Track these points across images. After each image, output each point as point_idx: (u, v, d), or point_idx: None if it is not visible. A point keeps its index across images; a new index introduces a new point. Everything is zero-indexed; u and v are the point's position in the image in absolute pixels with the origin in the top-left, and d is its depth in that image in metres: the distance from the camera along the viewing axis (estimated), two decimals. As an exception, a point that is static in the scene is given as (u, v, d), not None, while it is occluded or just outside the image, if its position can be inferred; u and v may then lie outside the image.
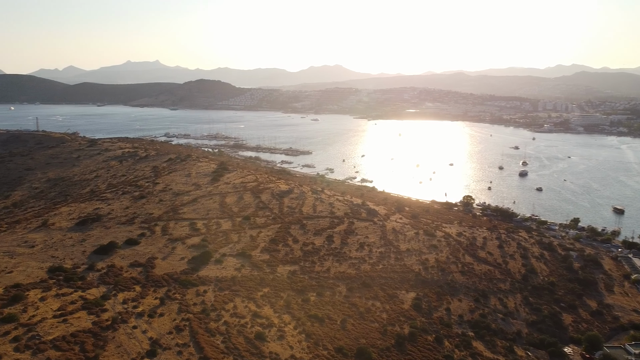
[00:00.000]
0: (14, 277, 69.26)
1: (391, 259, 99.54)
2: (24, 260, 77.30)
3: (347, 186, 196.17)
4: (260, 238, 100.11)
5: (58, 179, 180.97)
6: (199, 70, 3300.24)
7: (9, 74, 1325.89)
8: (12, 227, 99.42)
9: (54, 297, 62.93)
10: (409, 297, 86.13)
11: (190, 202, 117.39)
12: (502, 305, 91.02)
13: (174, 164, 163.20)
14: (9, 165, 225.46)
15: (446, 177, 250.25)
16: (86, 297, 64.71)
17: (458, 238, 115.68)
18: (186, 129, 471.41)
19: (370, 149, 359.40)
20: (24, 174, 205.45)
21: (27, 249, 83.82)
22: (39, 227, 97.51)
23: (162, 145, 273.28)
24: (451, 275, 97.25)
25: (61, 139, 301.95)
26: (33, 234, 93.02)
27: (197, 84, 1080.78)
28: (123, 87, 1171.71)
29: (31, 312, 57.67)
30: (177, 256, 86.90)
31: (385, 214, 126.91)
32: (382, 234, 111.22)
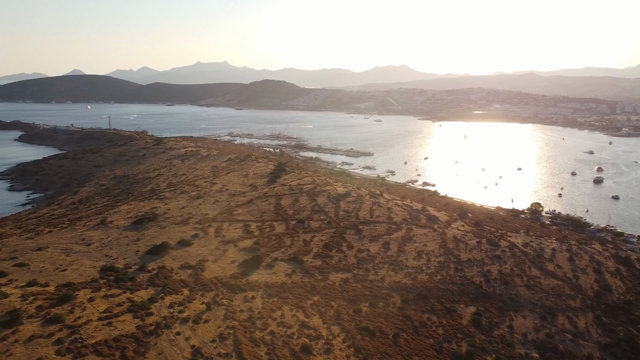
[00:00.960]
0: (67, 276, 69.79)
1: (450, 270, 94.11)
2: (79, 259, 78.09)
3: (408, 190, 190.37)
4: (313, 243, 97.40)
5: (123, 177, 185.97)
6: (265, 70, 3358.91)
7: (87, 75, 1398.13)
8: (73, 224, 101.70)
9: (102, 298, 62.58)
10: (468, 311, 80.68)
11: (245, 203, 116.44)
12: (572, 325, 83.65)
13: (232, 164, 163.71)
14: (80, 162, 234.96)
15: (513, 182, 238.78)
16: (134, 299, 64.03)
17: (524, 249, 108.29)
18: (249, 128, 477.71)
19: (434, 152, 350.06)
20: (93, 171, 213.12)
21: (83, 246, 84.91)
22: (98, 225, 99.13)
23: (224, 145, 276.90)
24: (515, 289, 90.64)
25: (130, 137, 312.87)
26: (91, 232, 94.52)
27: (262, 84, 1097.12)
28: (191, 87, 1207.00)
29: (77, 313, 57.31)
30: (228, 259, 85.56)
31: (446, 221, 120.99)
32: (442, 242, 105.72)
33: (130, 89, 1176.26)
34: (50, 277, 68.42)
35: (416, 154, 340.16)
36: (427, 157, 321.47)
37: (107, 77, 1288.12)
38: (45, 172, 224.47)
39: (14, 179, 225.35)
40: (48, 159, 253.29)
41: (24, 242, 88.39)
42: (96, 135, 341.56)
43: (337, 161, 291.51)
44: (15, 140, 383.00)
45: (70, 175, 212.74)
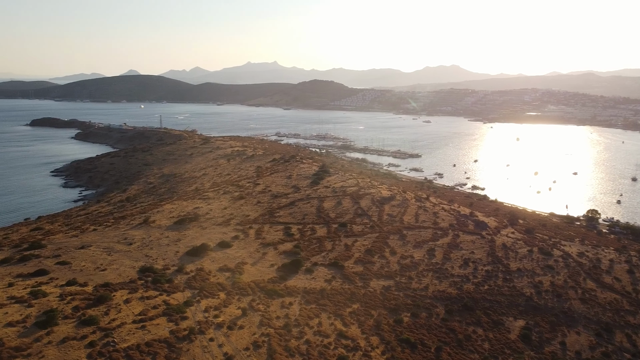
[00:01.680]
0: (106, 276, 69.85)
1: (499, 279, 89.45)
2: (120, 258, 78.30)
3: (456, 193, 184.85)
4: (355, 247, 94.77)
5: (170, 175, 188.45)
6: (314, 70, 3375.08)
7: (142, 75, 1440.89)
8: (117, 223, 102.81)
9: (138, 300, 62.06)
10: (516, 325, 76.14)
11: (287, 205, 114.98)
12: (630, 344, 77.67)
13: (277, 165, 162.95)
14: (130, 160, 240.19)
15: (568, 188, 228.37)
16: (169, 302, 63.24)
17: (579, 259, 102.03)
18: (296, 128, 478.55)
19: (484, 154, 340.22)
20: (142, 169, 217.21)
21: (125, 246, 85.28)
22: (140, 224, 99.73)
23: (270, 145, 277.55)
24: (569, 302, 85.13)
25: (179, 136, 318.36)
26: (134, 231, 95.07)
27: (311, 84, 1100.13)
28: (241, 87, 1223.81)
29: (112, 315, 56.84)
30: (267, 262, 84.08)
31: (495, 227, 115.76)
32: (490, 249, 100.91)
33: (182, 88, 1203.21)
34: (90, 277, 68.61)
35: (465, 156, 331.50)
36: (477, 159, 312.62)
37: (160, 77, 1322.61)
38: (98, 170, 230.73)
39: (68, 176, 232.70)
40: (101, 157, 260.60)
41: (69, 240, 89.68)
42: (147, 134, 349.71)
43: (383, 163, 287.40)
44: (72, 138, 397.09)
45: (120, 173, 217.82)
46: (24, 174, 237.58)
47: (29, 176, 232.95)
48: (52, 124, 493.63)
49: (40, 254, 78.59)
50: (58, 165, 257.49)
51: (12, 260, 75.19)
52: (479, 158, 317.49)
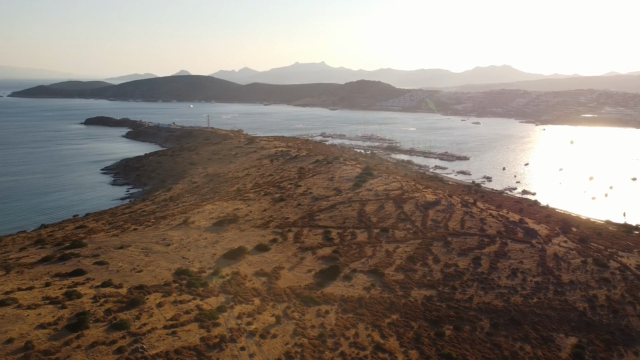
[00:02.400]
0: (141, 277, 69.26)
1: (549, 292, 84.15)
2: (157, 259, 77.79)
3: (505, 198, 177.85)
4: (396, 254, 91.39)
5: (214, 175, 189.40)
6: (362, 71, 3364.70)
7: (192, 75, 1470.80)
8: (157, 223, 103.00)
9: (171, 304, 60.98)
10: (568, 342, 71.07)
11: (328, 208, 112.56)
12: (696, 368, 71.36)
13: (319, 166, 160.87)
14: (177, 159, 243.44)
15: (626, 194, 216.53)
16: (202, 306, 61.87)
17: (638, 272, 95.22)
18: (342, 129, 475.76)
19: (536, 157, 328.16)
20: (188, 168, 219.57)
21: (163, 247, 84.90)
22: (180, 225, 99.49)
23: (315, 145, 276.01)
24: (626, 319, 79.11)
25: (225, 136, 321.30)
26: (173, 231, 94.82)
27: (357, 84, 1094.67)
28: (288, 87, 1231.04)
29: (144, 320, 55.82)
30: (305, 267, 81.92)
31: (546, 235, 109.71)
32: (540, 259, 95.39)
33: (231, 88, 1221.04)
34: (126, 278, 68.15)
35: (516, 159, 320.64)
36: (528, 163, 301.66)
37: (209, 78, 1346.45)
38: (145, 168, 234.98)
39: (117, 174, 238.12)
40: (149, 155, 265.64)
41: (109, 239, 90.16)
42: (194, 133, 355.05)
43: (429, 165, 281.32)
44: (123, 136, 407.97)
45: (166, 172, 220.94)
46: (75, 172, 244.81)
47: (80, 174, 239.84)
48: (104, 122, 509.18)
49: (80, 253, 79.04)
50: (108, 163, 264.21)
51: (52, 258, 75.81)
52: (530, 161, 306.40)
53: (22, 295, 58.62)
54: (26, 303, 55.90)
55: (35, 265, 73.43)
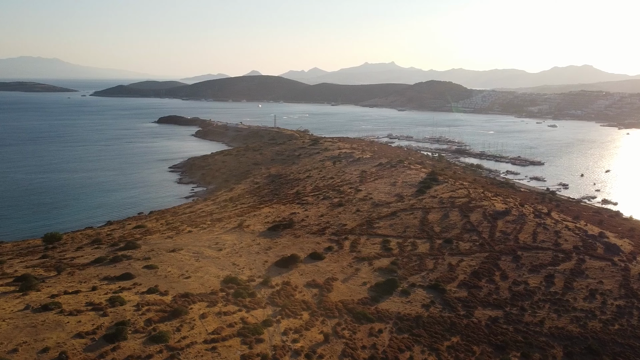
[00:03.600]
0: (188, 284, 67.01)
1: (633, 318, 74.90)
2: (207, 265, 75.56)
3: (583, 208, 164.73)
4: (460, 268, 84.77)
5: (276, 176, 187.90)
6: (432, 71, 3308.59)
7: (262, 75, 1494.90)
8: (212, 225, 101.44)
9: (214, 316, 58.07)
10: (656, 379, 62.43)
11: (388, 215, 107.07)
12: None
13: (382, 170, 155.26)
14: (241, 158, 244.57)
15: None
16: (247, 320, 58.57)
17: None
18: (409, 130, 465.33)
19: (618, 164, 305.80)
20: (251, 168, 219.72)
21: (215, 251, 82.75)
22: (234, 229, 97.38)
23: (380, 147, 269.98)
24: None
25: (291, 136, 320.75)
26: (227, 235, 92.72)
27: (427, 85, 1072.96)
28: (356, 87, 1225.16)
29: (184, 332, 53.10)
30: (360, 280, 77.12)
31: (630, 252, 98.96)
32: (623, 280, 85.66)
33: (299, 88, 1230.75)
34: (172, 285, 66.08)
35: (595, 165, 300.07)
36: (609, 169, 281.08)
37: (279, 78, 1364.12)
38: (210, 167, 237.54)
39: (183, 172, 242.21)
40: (214, 155, 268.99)
41: (163, 241, 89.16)
42: (261, 133, 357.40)
43: (501, 169, 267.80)
44: (192, 135, 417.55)
45: (230, 171, 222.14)
46: (145, 169, 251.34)
47: (148, 171, 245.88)
48: (175, 121, 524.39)
49: (132, 255, 78.10)
50: (176, 162, 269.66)
51: (104, 260, 75.22)
52: (611, 168, 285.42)
53: (67, 299, 57.52)
54: (69, 309, 54.58)
55: (87, 266, 72.99)
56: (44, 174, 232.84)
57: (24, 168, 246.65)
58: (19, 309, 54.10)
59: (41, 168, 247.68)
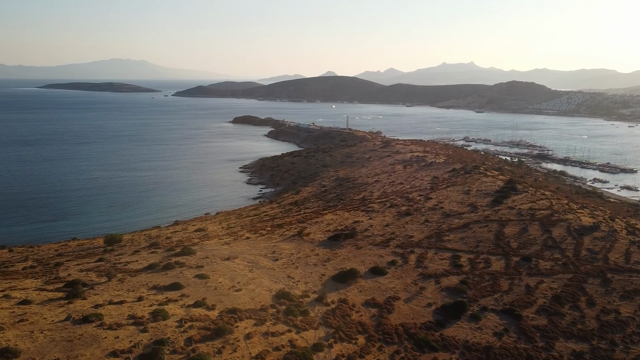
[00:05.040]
0: (237, 298, 62.96)
1: None
2: (260, 276, 71.36)
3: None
4: (539, 291, 75.55)
5: (344, 180, 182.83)
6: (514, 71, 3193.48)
7: (337, 76, 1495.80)
8: (272, 232, 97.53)
9: (261, 336, 53.45)
10: None
11: (459, 227, 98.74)
12: None
13: (455, 176, 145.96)
14: (310, 160, 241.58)
15: None
16: (296, 342, 53.53)
17: None
18: (487, 133, 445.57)
19: None
20: (320, 171, 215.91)
21: (270, 261, 78.53)
22: (294, 236, 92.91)
23: (455, 151, 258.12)
24: None
25: (362, 138, 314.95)
26: (284, 244, 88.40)
27: (508, 85, 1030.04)
28: (432, 88, 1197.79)
29: (225, 355, 48.75)
30: (424, 300, 70.10)
31: None
32: None
33: (373, 89, 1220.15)
34: (221, 298, 62.29)
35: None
36: None
37: (353, 78, 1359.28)
38: (279, 168, 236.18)
39: (253, 173, 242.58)
40: (284, 156, 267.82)
41: (219, 248, 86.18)
42: (332, 134, 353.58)
43: (587, 177, 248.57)
44: (265, 135, 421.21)
45: (299, 173, 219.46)
46: (216, 169, 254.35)
47: (219, 171, 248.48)
48: (250, 121, 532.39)
49: (185, 262, 75.34)
50: (247, 162, 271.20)
51: (157, 267, 72.85)
52: None
53: (110, 310, 54.91)
54: (109, 321, 51.76)
55: (139, 272, 70.80)
56: (120, 171, 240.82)
57: (102, 165, 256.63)
58: (60, 319, 51.94)
59: (118, 166, 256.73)
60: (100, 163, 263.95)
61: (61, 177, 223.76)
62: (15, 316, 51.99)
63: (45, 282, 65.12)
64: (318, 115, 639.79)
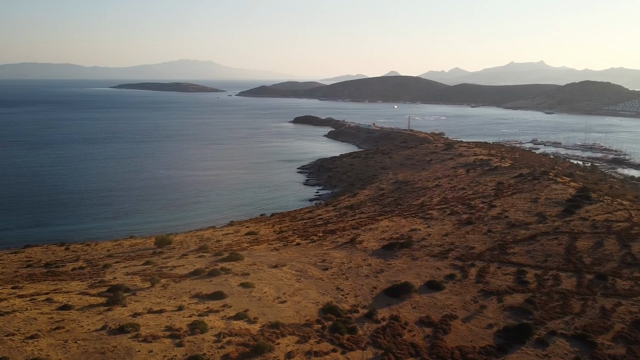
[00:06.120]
0: (282, 311, 59.45)
1: None
2: (307, 287, 67.60)
3: None
4: (617, 315, 67.53)
5: (402, 183, 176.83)
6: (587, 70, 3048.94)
7: (399, 76, 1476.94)
8: (324, 238, 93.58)
9: (303, 356, 49.57)
10: None
11: (526, 239, 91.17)
12: None
13: (522, 182, 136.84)
14: (369, 162, 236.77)
15: None
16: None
17: None
18: (557, 136, 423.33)
19: None
20: (378, 173, 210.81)
21: (319, 271, 74.62)
22: (346, 244, 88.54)
23: (522, 154, 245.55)
24: None
25: (424, 139, 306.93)
26: (335, 252, 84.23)
27: (580, 85, 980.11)
28: (499, 88, 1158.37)
29: (263, 377, 45.28)
30: (484, 320, 63.96)
31: None
32: None
33: (437, 89, 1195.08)
34: (265, 310, 58.98)
35: None
36: None
37: (417, 78, 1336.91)
38: (337, 170, 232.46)
39: (311, 174, 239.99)
40: (343, 157, 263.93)
41: (268, 254, 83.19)
42: (392, 135, 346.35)
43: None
44: (324, 136, 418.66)
45: (357, 175, 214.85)
46: (273, 169, 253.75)
47: (277, 171, 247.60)
48: (310, 121, 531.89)
49: (232, 269, 72.72)
50: (305, 162, 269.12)
51: (202, 273, 70.59)
52: None
53: (147, 320, 52.68)
54: (145, 333, 49.42)
55: (184, 278, 68.72)
56: (180, 170, 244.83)
57: (163, 164, 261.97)
58: (96, 328, 50.12)
59: (178, 165, 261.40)
60: (161, 162, 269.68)
61: (124, 175, 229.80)
62: (53, 323, 50.64)
63: (89, 286, 64.03)
64: (379, 116, 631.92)
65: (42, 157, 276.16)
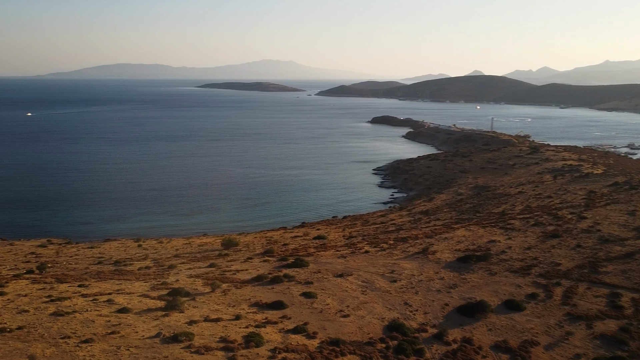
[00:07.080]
0: (343, 326, 55.73)
1: None
2: (372, 300, 63.44)
3: None
4: None
5: (482, 188, 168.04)
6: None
7: (483, 75, 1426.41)
8: (394, 246, 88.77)
9: (363, 379, 45.65)
10: None
11: (621, 256, 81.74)
12: None
13: (617, 192, 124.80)
14: (448, 165, 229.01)
15: None
16: (404, 392, 44.89)
17: None
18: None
19: None
20: (457, 176, 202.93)
21: (387, 282, 70.12)
22: (417, 254, 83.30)
23: (617, 160, 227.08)
24: None
25: (508, 142, 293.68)
26: (406, 262, 79.27)
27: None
28: (591, 88, 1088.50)
29: (316, 401, 41.76)
30: (571, 349, 56.85)
31: None
32: None
33: (523, 89, 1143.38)
34: (325, 324, 55.54)
35: None
36: None
37: (502, 78, 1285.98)
38: (414, 172, 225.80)
39: (386, 176, 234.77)
40: (420, 159, 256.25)
41: (334, 261, 79.66)
42: (474, 137, 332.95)
43: None
44: (402, 137, 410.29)
45: (434, 178, 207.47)
46: (348, 170, 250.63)
47: (352, 172, 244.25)
48: (388, 121, 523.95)
49: (295, 276, 69.88)
50: (381, 164, 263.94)
51: (264, 279, 68.25)
52: None
53: (202, 329, 50.73)
54: (198, 343, 47.36)
55: (245, 284, 66.66)
56: (254, 169, 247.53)
57: (239, 163, 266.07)
58: (150, 334, 48.71)
59: (253, 163, 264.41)
60: (237, 160, 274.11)
61: (201, 172, 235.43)
62: (109, 326, 49.82)
63: (151, 288, 63.40)
64: (461, 116, 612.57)
65: (127, 154, 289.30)
